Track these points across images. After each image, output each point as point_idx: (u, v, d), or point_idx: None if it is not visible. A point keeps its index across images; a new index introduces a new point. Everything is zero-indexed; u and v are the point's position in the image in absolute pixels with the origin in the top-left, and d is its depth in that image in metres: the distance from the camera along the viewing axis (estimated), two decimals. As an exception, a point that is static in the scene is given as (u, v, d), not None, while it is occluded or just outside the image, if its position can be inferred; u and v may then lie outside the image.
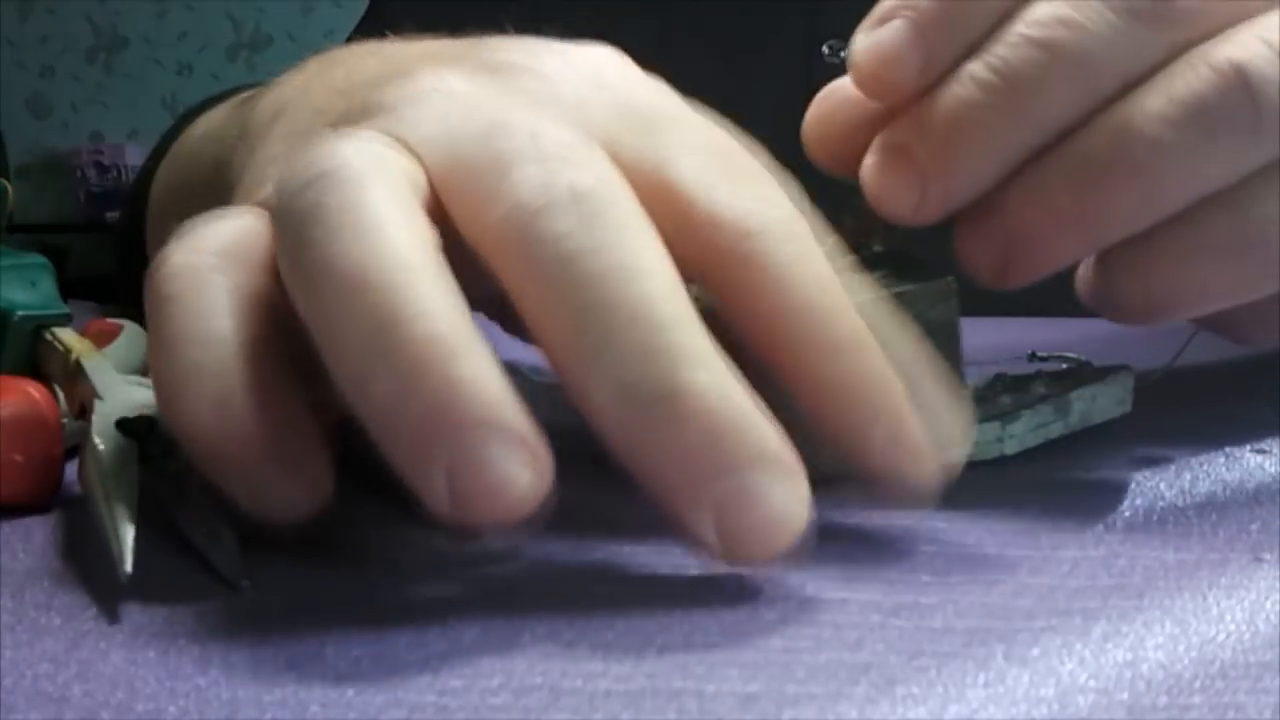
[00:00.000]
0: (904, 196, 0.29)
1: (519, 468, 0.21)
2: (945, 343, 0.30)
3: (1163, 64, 0.28)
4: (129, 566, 0.23)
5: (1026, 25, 0.28)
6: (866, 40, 0.29)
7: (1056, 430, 0.33)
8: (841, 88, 0.31)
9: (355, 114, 0.28)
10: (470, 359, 0.21)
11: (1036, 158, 0.29)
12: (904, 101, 0.30)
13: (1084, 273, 0.31)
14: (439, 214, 0.25)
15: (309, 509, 0.24)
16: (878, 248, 0.31)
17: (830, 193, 0.31)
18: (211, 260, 0.25)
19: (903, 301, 0.29)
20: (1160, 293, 0.29)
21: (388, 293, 0.22)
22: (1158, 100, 0.28)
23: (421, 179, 0.25)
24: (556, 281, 0.23)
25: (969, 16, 0.29)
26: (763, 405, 0.23)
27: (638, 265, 0.23)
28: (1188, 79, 0.27)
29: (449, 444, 0.21)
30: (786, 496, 0.22)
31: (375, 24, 0.74)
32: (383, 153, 0.25)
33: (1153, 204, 0.28)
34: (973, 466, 0.32)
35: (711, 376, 0.22)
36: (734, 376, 0.22)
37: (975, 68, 0.28)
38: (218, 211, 0.27)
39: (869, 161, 0.30)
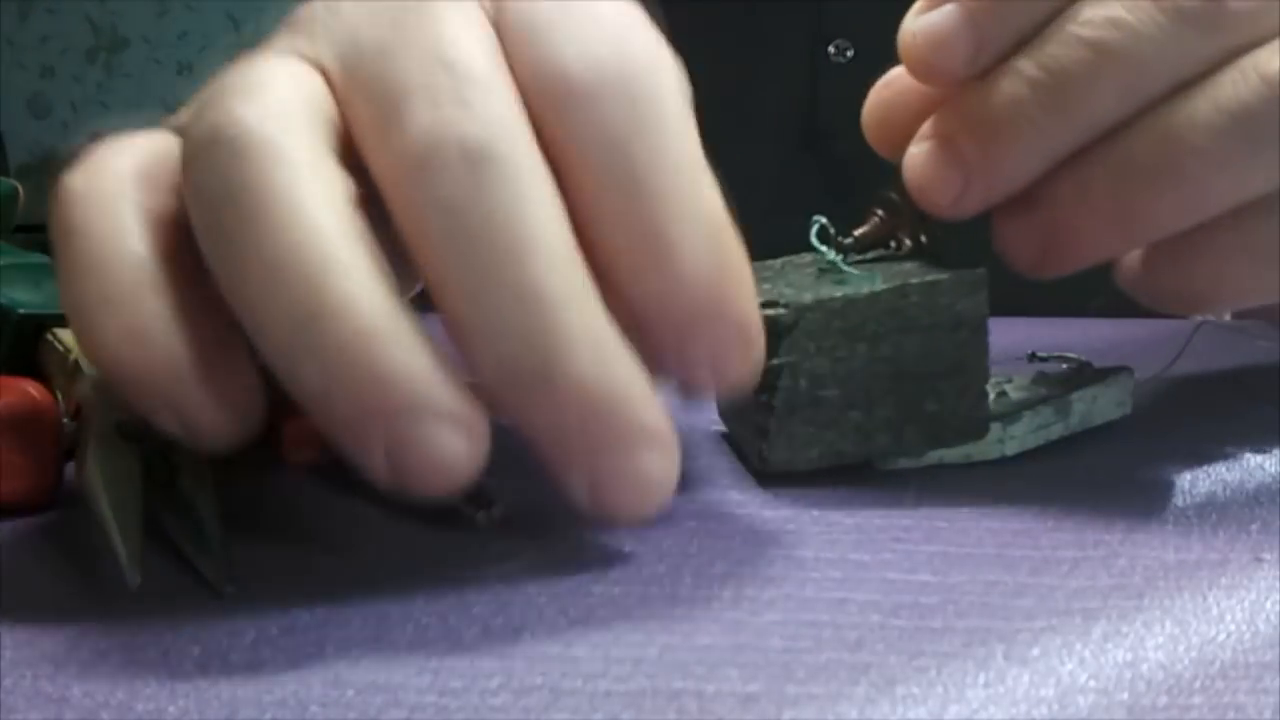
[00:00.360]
0: (946, 188, 0.29)
1: (453, 441, 0.22)
2: (973, 335, 0.30)
3: (1212, 67, 0.28)
4: (138, 574, 0.23)
5: (1077, 24, 0.28)
6: (918, 23, 0.29)
7: (1057, 431, 0.33)
8: (901, 76, 0.31)
9: (282, 33, 0.27)
10: (396, 346, 0.22)
11: (1081, 154, 0.29)
12: (952, 88, 0.30)
13: (1126, 260, 0.31)
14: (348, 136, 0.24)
15: (239, 433, 0.24)
16: (909, 242, 0.31)
17: (859, 187, 0.31)
18: (116, 184, 0.24)
19: (932, 292, 0.29)
20: (1200, 288, 0.30)
21: (309, 287, 0.22)
22: (1206, 107, 0.27)
23: (330, 105, 0.24)
24: (443, 248, 0.22)
25: (1021, 10, 0.29)
26: (643, 373, 0.23)
27: (527, 236, 0.22)
28: (1238, 88, 0.27)
29: (381, 430, 0.22)
30: (658, 466, 0.23)
31: None
32: (288, 97, 0.24)
33: (1196, 209, 0.28)
34: (973, 466, 0.32)
35: (593, 355, 0.22)
36: (618, 348, 0.23)
37: (1025, 64, 0.28)
38: (122, 135, 0.26)
39: (913, 150, 0.30)
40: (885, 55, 0.30)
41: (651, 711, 0.19)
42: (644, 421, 0.23)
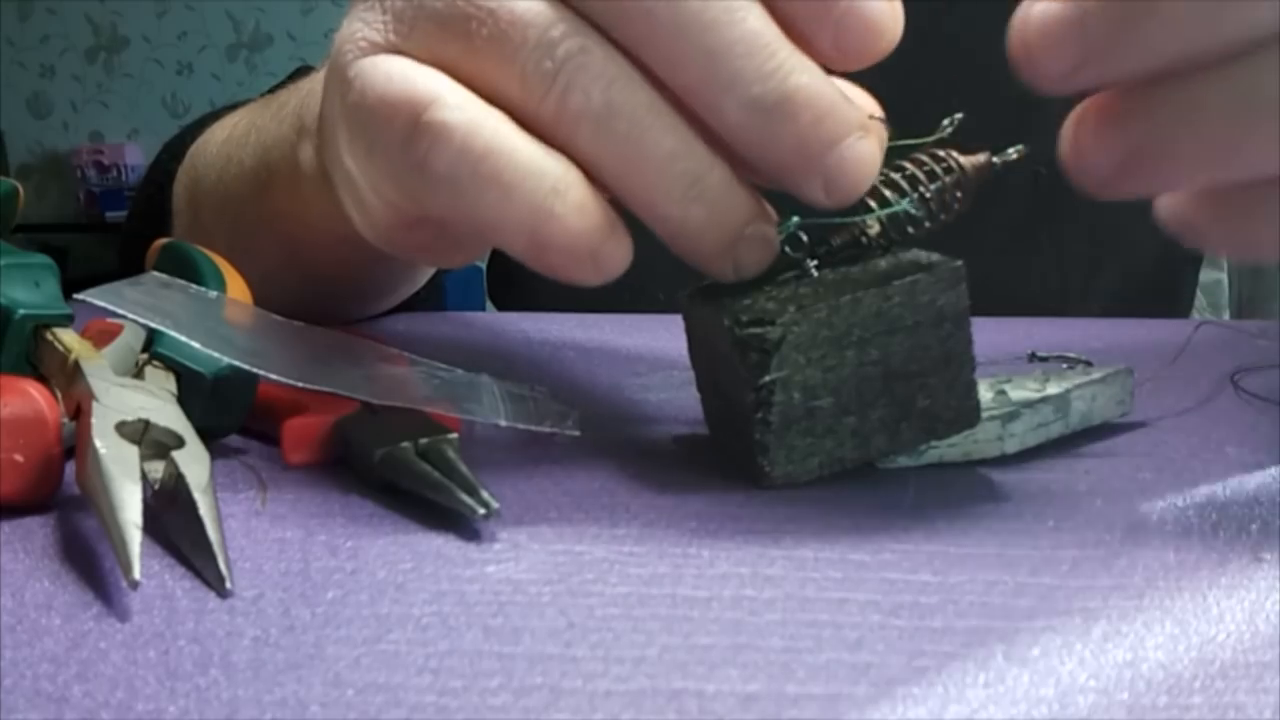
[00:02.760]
0: (1059, 59, 0.27)
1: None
2: (957, 328, 0.30)
3: None
4: (137, 574, 0.23)
5: None
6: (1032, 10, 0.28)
7: (1056, 430, 0.33)
8: None
9: None
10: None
11: (1199, 72, 0.27)
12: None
13: (1172, 197, 0.29)
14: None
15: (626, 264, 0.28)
16: (874, 229, 0.31)
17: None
18: (474, 110, 0.28)
19: (913, 291, 0.29)
20: (1269, 243, 0.28)
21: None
22: None
23: None
24: (671, 40, 0.27)
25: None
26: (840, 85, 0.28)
27: (726, 5, 0.27)
28: None
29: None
30: (873, 150, 0.28)
31: None
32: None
33: None
34: (973, 466, 0.32)
35: (809, 72, 0.28)
36: (820, 70, 0.28)
37: None
38: (368, 70, 0.29)
39: (1034, 9, 0.28)
40: (884, 59, 0.30)
41: (651, 711, 0.19)
42: (857, 116, 0.28)
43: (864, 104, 0.29)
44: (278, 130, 0.45)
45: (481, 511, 0.27)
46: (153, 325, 0.33)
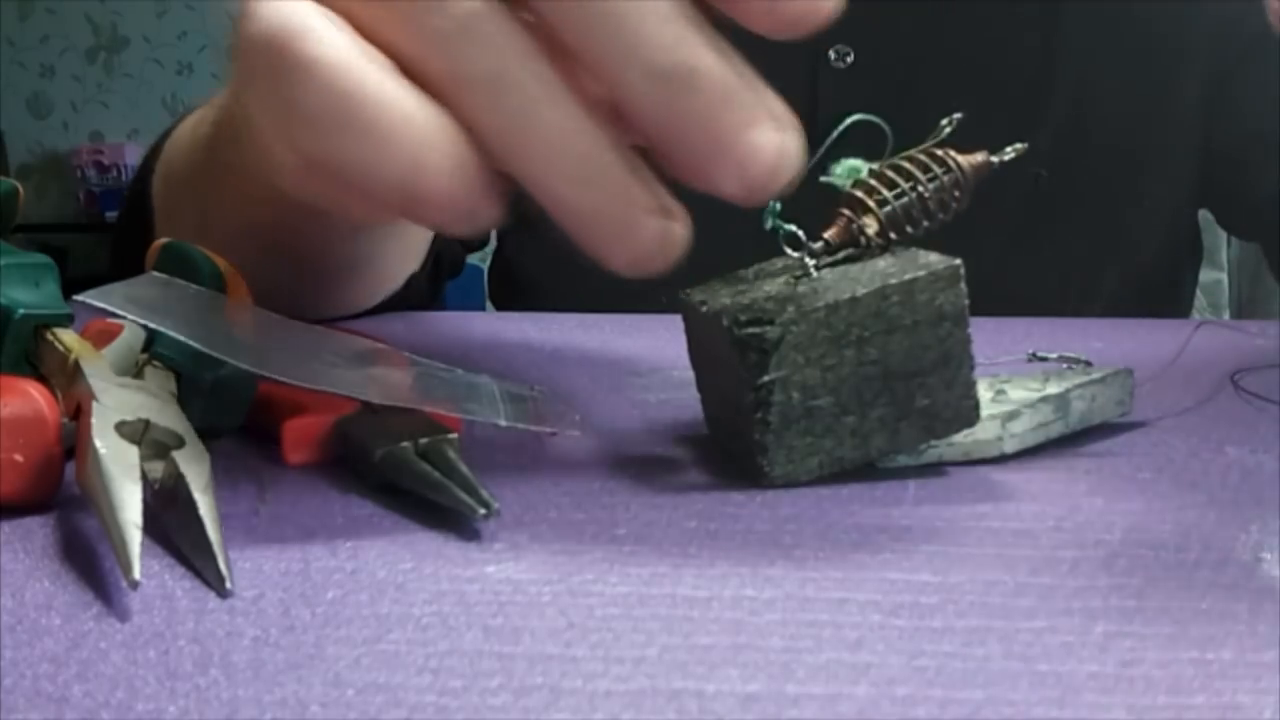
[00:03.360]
0: None
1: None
2: (956, 327, 0.30)
3: None
4: (137, 574, 0.23)
5: None
6: None
7: (1056, 430, 0.33)
8: None
9: None
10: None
11: None
12: None
13: None
14: None
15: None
16: (873, 228, 0.31)
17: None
18: (348, 47, 0.27)
19: (911, 290, 0.29)
20: None
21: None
22: None
23: None
24: (577, 13, 0.26)
25: None
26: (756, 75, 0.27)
27: None
28: None
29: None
30: (790, 140, 0.27)
31: None
32: None
33: None
34: (973, 466, 0.32)
35: (718, 53, 0.26)
36: (735, 54, 0.27)
37: None
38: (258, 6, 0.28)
39: None
40: (885, 60, 0.30)
41: (651, 711, 0.19)
42: (771, 103, 0.27)
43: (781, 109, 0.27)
44: (228, 99, 0.45)
45: (481, 511, 0.27)
46: (152, 326, 0.33)
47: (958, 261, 0.30)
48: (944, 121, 0.32)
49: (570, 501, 0.29)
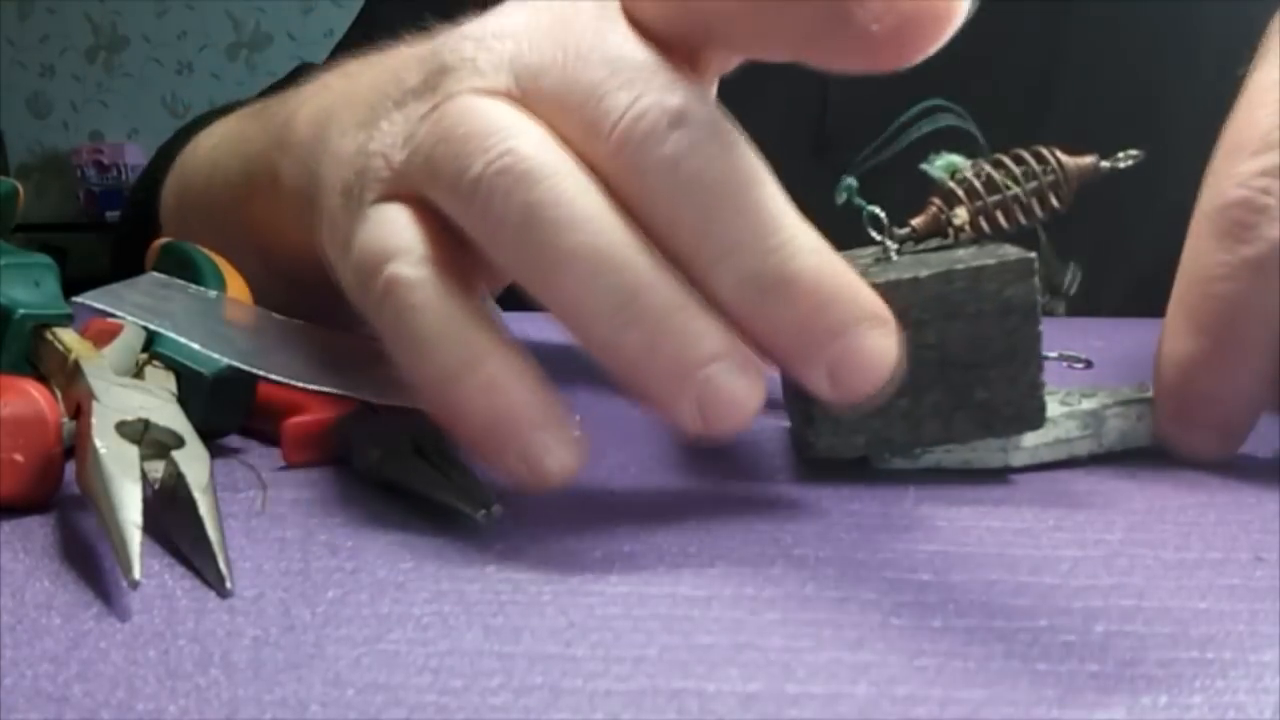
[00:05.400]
0: None
1: (747, 383, 0.26)
2: (1024, 322, 0.29)
3: None
4: (138, 574, 0.23)
5: None
6: None
7: (1084, 447, 0.32)
8: None
9: (430, 81, 0.29)
10: (697, 311, 0.26)
11: None
12: None
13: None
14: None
15: (578, 466, 0.27)
16: (960, 219, 0.31)
17: (868, 194, 0.31)
18: (428, 271, 0.27)
19: (978, 278, 0.29)
20: None
21: (625, 273, 0.25)
22: None
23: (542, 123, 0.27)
24: (672, 198, 0.26)
25: None
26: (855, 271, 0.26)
27: (744, 168, 0.26)
28: None
29: (696, 381, 0.25)
30: (885, 343, 0.26)
31: (368, 23, 0.74)
32: (526, 122, 0.27)
33: None
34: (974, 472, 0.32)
35: (816, 254, 0.26)
36: (830, 249, 0.26)
37: None
38: (374, 215, 0.29)
39: None
40: None
41: (651, 711, 0.19)
42: (867, 305, 0.26)
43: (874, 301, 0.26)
44: (263, 142, 0.45)
45: (481, 512, 0.27)
46: (152, 326, 0.33)
47: (1032, 255, 0.29)
48: (1119, 154, 0.32)
49: (570, 501, 0.29)
